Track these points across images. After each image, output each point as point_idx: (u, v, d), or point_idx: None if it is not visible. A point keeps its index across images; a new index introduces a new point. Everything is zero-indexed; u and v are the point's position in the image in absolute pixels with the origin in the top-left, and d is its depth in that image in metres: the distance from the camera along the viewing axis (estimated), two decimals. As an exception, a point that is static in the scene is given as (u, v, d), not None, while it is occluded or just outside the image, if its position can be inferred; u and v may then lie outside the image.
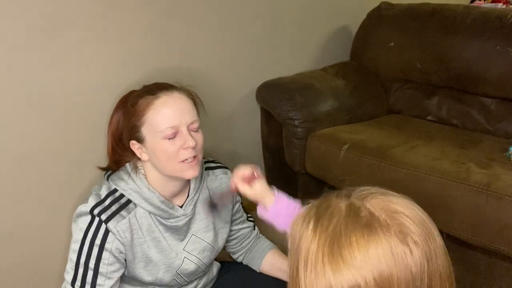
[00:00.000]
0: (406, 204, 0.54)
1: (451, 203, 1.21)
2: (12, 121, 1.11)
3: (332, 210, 0.52)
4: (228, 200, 1.10)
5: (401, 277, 0.47)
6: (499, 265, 1.23)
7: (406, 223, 0.50)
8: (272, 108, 1.61)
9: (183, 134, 0.91)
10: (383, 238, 0.48)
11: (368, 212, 0.51)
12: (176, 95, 0.93)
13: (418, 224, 0.51)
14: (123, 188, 0.95)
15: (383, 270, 0.46)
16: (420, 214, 0.53)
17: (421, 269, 0.48)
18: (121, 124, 0.99)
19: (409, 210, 0.52)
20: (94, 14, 1.17)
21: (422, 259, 0.48)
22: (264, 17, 1.66)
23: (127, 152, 0.98)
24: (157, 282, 1.01)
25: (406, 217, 0.50)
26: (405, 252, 0.47)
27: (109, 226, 0.91)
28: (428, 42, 1.72)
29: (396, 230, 0.48)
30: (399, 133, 1.60)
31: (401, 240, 0.48)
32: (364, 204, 0.52)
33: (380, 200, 0.52)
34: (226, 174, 1.14)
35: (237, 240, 1.21)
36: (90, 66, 1.21)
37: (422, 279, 0.48)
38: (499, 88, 1.60)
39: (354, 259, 0.47)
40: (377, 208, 0.51)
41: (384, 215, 0.50)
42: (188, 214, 1.01)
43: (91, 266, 0.91)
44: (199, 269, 1.07)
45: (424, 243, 0.49)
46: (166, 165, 0.93)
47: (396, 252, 0.47)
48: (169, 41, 1.38)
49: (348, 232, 0.49)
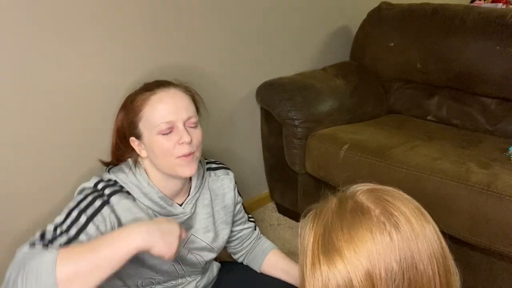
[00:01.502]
0: (395, 194, 0.55)
1: (451, 203, 1.21)
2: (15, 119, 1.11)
3: (326, 206, 0.58)
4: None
5: (385, 257, 0.49)
6: (499, 265, 1.23)
7: (390, 209, 0.52)
8: (272, 108, 1.61)
9: (178, 130, 0.92)
10: (364, 221, 0.51)
11: (354, 201, 0.54)
12: (172, 91, 0.94)
13: (405, 210, 0.54)
14: (123, 181, 0.95)
15: (370, 252, 0.49)
16: (410, 204, 0.57)
17: (403, 254, 0.50)
18: (124, 122, 1.00)
19: (397, 199, 0.55)
20: (96, 13, 1.17)
21: (403, 242, 0.50)
22: (264, 17, 1.66)
23: (130, 149, 0.99)
24: (156, 265, 0.99)
25: (390, 203, 0.52)
26: (387, 233, 0.50)
27: (112, 200, 0.90)
28: (428, 42, 1.72)
29: (378, 213, 0.52)
30: (399, 133, 1.60)
31: (383, 222, 0.51)
32: (352, 196, 0.56)
33: (368, 191, 0.55)
34: (227, 175, 1.14)
35: (239, 241, 1.21)
36: (92, 66, 1.21)
37: (404, 262, 0.49)
38: (499, 88, 1.60)
39: (343, 248, 0.50)
40: (363, 198, 0.54)
41: (369, 202, 0.53)
42: (187, 213, 1.01)
43: (71, 232, 0.84)
44: (198, 264, 1.07)
45: (407, 227, 0.51)
46: (162, 161, 0.93)
47: (377, 234, 0.50)
48: (169, 41, 1.38)
49: (336, 221, 0.52)
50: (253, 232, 1.23)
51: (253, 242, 1.23)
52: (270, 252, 1.19)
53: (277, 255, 1.19)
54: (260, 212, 1.95)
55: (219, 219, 1.10)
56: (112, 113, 1.03)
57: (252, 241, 1.23)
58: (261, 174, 1.91)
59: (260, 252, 1.20)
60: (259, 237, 1.25)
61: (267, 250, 1.20)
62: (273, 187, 1.90)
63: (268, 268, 1.18)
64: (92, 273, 0.72)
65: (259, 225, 1.29)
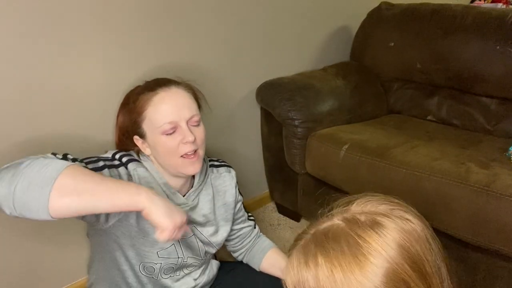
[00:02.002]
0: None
1: (451, 203, 1.21)
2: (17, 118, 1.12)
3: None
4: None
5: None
6: (499, 265, 1.23)
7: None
8: (272, 108, 1.61)
9: (182, 129, 0.92)
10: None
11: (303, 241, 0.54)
12: (174, 90, 0.95)
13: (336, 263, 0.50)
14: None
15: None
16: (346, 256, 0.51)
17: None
18: (126, 120, 1.00)
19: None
20: (98, 12, 1.18)
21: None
22: (264, 17, 1.66)
23: (133, 143, 1.00)
24: (154, 256, 0.99)
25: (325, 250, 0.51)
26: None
27: (129, 167, 0.92)
28: (428, 42, 1.72)
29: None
30: (399, 133, 1.60)
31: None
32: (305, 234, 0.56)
33: (323, 233, 0.54)
34: (229, 173, 1.15)
35: (238, 239, 1.21)
36: (93, 65, 1.22)
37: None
38: (499, 88, 1.60)
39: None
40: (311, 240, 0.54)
41: (314, 246, 0.52)
42: (188, 204, 1.02)
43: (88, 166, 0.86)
44: (198, 250, 1.06)
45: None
46: (167, 160, 0.94)
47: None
48: (169, 40, 1.38)
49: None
50: (253, 230, 1.24)
51: (252, 241, 1.23)
52: (269, 250, 1.20)
53: (276, 254, 1.19)
54: (260, 212, 1.95)
55: (219, 216, 1.11)
56: (114, 111, 1.04)
57: (252, 240, 1.23)
58: (261, 174, 1.91)
59: (260, 251, 1.21)
60: (259, 236, 1.25)
61: (266, 249, 1.20)
62: (273, 187, 1.90)
63: (267, 266, 1.18)
64: (86, 199, 0.72)
65: (259, 225, 1.29)
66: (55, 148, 1.20)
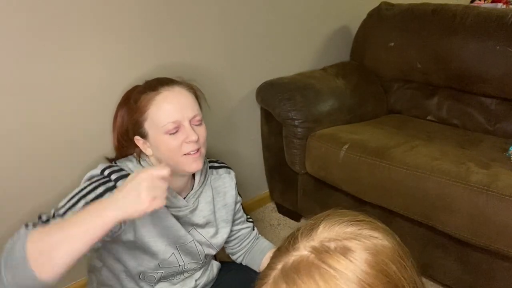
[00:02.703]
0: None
1: (451, 203, 1.21)
2: (15, 118, 1.12)
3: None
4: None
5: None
6: (499, 265, 1.23)
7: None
8: (272, 108, 1.61)
9: (185, 129, 0.92)
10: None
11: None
12: (177, 90, 0.94)
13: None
14: (130, 168, 0.96)
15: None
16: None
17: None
18: (126, 120, 1.00)
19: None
20: (98, 12, 1.17)
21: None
22: (264, 17, 1.66)
23: (133, 145, 1.00)
24: (159, 254, 0.99)
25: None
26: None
27: (119, 185, 0.88)
28: (428, 42, 1.72)
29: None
30: (399, 133, 1.60)
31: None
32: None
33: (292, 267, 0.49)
34: (229, 174, 1.15)
35: (237, 241, 1.21)
36: (93, 65, 1.22)
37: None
38: (499, 88, 1.60)
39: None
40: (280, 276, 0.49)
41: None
42: (189, 206, 1.02)
43: (65, 216, 0.84)
44: (198, 255, 1.06)
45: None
46: (169, 159, 0.94)
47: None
48: (169, 40, 1.38)
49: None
50: (252, 232, 1.23)
51: (251, 242, 1.23)
52: (268, 251, 1.19)
53: None
54: (260, 212, 1.95)
55: (220, 217, 1.11)
56: (113, 111, 1.04)
57: (251, 241, 1.23)
58: (261, 174, 1.91)
59: (259, 252, 1.20)
60: (257, 237, 1.25)
61: (265, 250, 1.20)
62: (273, 187, 1.90)
63: None
64: (64, 249, 0.69)
65: (259, 225, 1.29)
66: (55, 148, 1.21)
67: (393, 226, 1.54)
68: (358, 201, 1.50)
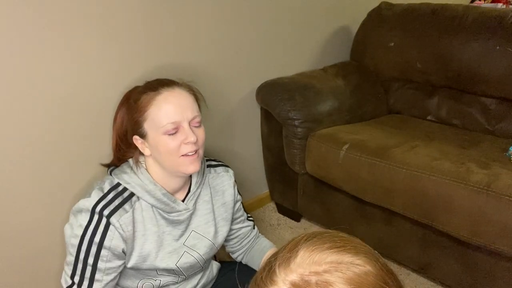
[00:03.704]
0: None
1: (451, 203, 1.21)
2: (14, 119, 1.11)
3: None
4: None
5: None
6: (499, 265, 1.23)
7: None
8: (272, 108, 1.61)
9: (184, 130, 0.93)
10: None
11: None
12: (177, 91, 0.95)
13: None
14: (126, 181, 0.96)
15: None
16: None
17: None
18: (125, 120, 1.00)
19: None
20: (97, 12, 1.17)
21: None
22: (264, 17, 1.66)
23: (131, 148, 1.00)
24: (153, 273, 1.01)
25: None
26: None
27: (112, 221, 0.91)
28: (428, 42, 1.72)
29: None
30: (399, 133, 1.60)
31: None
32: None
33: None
34: (227, 172, 1.15)
35: (237, 239, 1.21)
36: (92, 64, 1.21)
37: None
38: (499, 88, 1.60)
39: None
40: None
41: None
42: (190, 209, 1.02)
43: (89, 262, 0.92)
44: (198, 264, 1.07)
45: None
46: (167, 159, 0.94)
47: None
48: (169, 40, 1.38)
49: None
50: (252, 231, 1.24)
51: (251, 241, 1.23)
52: (268, 250, 1.19)
53: None
54: (260, 212, 1.95)
55: (219, 216, 1.11)
56: (112, 111, 1.04)
57: (251, 240, 1.23)
58: (261, 174, 1.91)
59: (259, 251, 1.20)
60: (258, 236, 1.25)
61: (265, 249, 1.20)
62: (273, 187, 1.90)
63: None
64: None
65: (259, 225, 1.29)
66: (53, 149, 1.20)
67: (393, 226, 1.56)
68: (358, 201, 1.50)
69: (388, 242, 1.48)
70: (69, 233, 0.96)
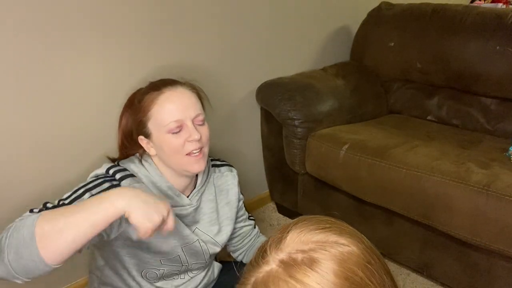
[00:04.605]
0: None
1: (451, 203, 1.21)
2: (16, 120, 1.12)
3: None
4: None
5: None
6: (499, 265, 1.23)
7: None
8: (272, 108, 1.61)
9: (188, 128, 0.93)
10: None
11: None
12: (180, 89, 0.95)
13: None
14: (133, 170, 0.96)
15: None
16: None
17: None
18: (130, 122, 1.00)
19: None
20: (100, 13, 1.18)
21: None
22: (264, 17, 1.66)
23: (137, 146, 1.00)
24: (165, 253, 1.00)
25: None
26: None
27: (123, 184, 0.90)
28: (428, 42, 1.72)
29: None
30: (399, 133, 1.60)
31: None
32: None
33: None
34: (231, 172, 1.16)
35: (239, 238, 1.22)
36: (96, 66, 1.22)
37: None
38: (499, 88, 1.60)
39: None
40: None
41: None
42: (193, 204, 1.03)
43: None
44: (202, 255, 1.07)
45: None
46: (172, 158, 0.95)
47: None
48: (170, 41, 1.38)
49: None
50: (253, 230, 1.25)
51: (252, 240, 1.24)
52: None
53: None
54: (260, 212, 1.95)
55: (223, 215, 1.12)
56: (117, 111, 1.04)
57: (252, 239, 1.24)
58: (261, 174, 1.91)
59: None
60: (258, 235, 1.26)
61: None
62: (273, 187, 1.90)
63: None
64: (68, 234, 0.70)
65: (259, 225, 1.29)
66: (55, 148, 1.21)
67: (393, 226, 1.56)
68: (358, 201, 1.50)
69: (388, 242, 1.48)
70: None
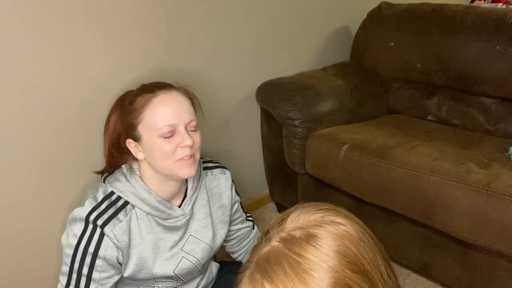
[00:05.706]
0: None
1: (451, 203, 1.21)
2: (6, 122, 1.10)
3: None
4: None
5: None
6: (499, 265, 1.23)
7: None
8: (272, 108, 1.61)
9: (180, 133, 0.91)
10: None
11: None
12: (174, 94, 0.93)
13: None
14: (119, 190, 0.94)
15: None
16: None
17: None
18: (118, 124, 0.98)
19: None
20: (93, 14, 1.17)
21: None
22: (264, 17, 1.66)
23: (124, 154, 0.98)
24: (151, 280, 1.01)
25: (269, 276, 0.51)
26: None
27: (106, 231, 0.91)
28: (428, 42, 1.72)
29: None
30: (399, 133, 1.60)
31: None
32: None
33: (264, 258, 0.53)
34: (224, 174, 1.13)
35: (237, 240, 1.21)
36: (87, 67, 1.21)
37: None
38: (499, 88, 1.60)
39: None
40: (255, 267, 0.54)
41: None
42: (187, 214, 1.01)
43: (84, 272, 0.91)
44: (196, 268, 1.06)
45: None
46: (162, 163, 0.92)
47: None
48: (168, 41, 1.38)
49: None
50: (251, 231, 1.23)
51: (251, 241, 1.23)
52: None
53: None
54: (260, 212, 1.95)
55: (216, 218, 1.10)
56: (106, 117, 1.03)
57: (251, 240, 1.23)
58: (261, 174, 1.91)
59: None
60: (258, 236, 1.25)
61: None
62: (273, 187, 1.90)
63: None
64: None
65: (259, 225, 1.29)
66: (52, 148, 1.20)
67: (393, 226, 1.55)
68: (358, 201, 1.50)
69: (388, 242, 1.48)
70: (64, 243, 0.95)
